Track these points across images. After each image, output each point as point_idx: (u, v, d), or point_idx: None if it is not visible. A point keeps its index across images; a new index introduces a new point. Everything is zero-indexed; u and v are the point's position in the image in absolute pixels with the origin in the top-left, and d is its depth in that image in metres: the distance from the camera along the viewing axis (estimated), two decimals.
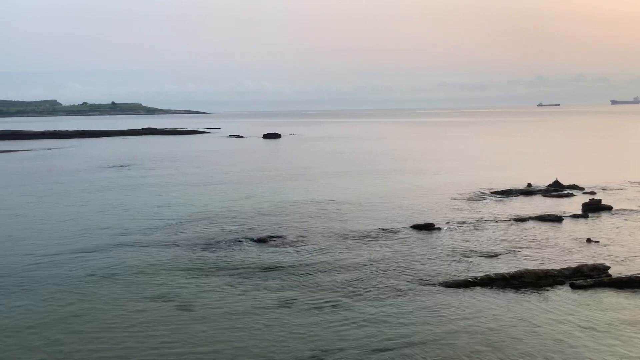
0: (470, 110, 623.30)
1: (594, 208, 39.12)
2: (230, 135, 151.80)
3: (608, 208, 39.44)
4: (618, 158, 78.33)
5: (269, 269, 26.33)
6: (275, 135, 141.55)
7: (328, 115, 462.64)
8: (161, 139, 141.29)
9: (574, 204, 41.96)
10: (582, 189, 48.53)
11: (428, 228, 34.18)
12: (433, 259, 27.75)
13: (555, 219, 36.50)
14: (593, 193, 46.17)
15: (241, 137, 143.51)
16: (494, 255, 28.31)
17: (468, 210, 40.33)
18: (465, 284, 23.81)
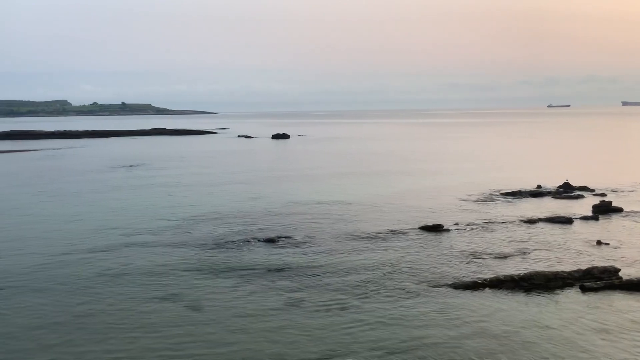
0: (480, 111, 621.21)
1: (604, 210, 38.90)
2: (239, 136, 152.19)
3: (619, 210, 39.20)
4: (629, 159, 77.81)
5: (277, 270, 26.38)
6: (284, 136, 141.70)
7: (337, 116, 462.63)
8: (170, 139, 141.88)
9: (584, 205, 41.74)
10: (593, 190, 48.26)
11: (437, 229, 34.11)
12: (442, 261, 27.69)
13: (565, 220, 36.31)
14: (603, 195, 45.89)
15: (250, 138, 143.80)
16: (503, 257, 28.21)
17: (477, 211, 40.22)
18: (474, 286, 23.75)
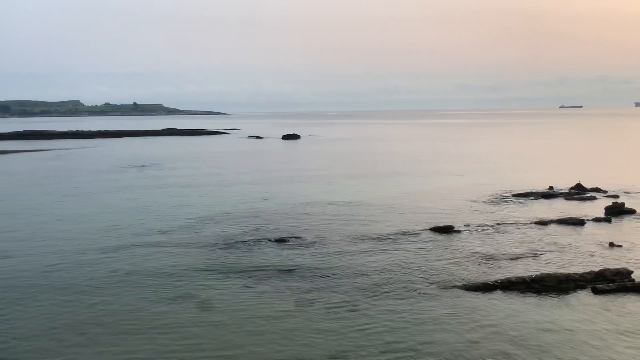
0: (491, 112, 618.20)
1: (616, 211, 38.62)
2: (249, 136, 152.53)
3: (631, 211, 38.90)
4: None
5: (288, 270, 26.44)
6: (295, 136, 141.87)
7: (347, 117, 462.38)
8: (182, 140, 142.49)
9: (597, 207, 41.45)
10: (605, 192, 47.93)
11: (447, 230, 34.02)
12: (452, 262, 27.62)
13: (577, 222, 36.09)
14: (616, 196, 45.57)
15: (260, 138, 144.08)
16: (514, 258, 28.09)
17: (488, 212, 40.07)
18: (486, 287, 23.67)
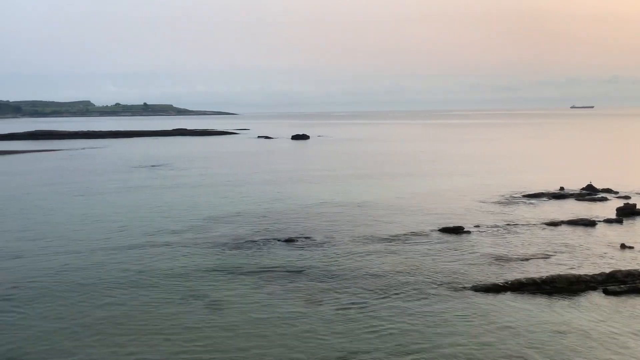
0: (501, 112, 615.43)
1: (628, 212, 38.33)
2: (259, 136, 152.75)
3: None
4: None
5: (297, 271, 26.46)
6: (304, 137, 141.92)
7: (356, 117, 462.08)
8: (192, 140, 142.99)
9: (608, 208, 41.18)
10: (617, 192, 47.60)
11: (457, 231, 33.91)
12: (462, 263, 27.53)
13: (589, 223, 35.87)
14: (628, 197, 45.24)
15: (270, 138, 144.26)
16: (524, 260, 27.96)
17: (498, 213, 39.90)
18: (496, 289, 23.57)
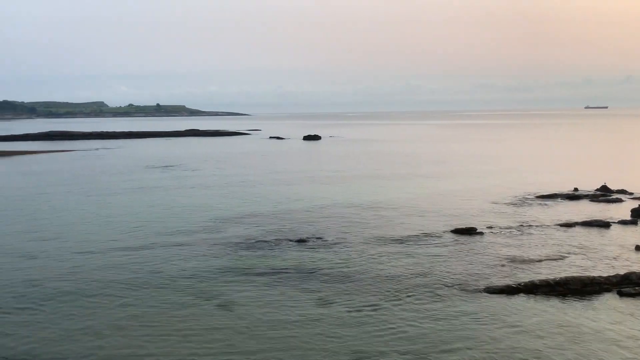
0: (515, 113, 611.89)
1: None
2: (270, 137, 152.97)
3: None
4: None
5: (309, 272, 26.46)
6: (316, 137, 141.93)
7: (368, 117, 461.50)
8: (204, 140, 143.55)
9: (623, 209, 40.78)
10: (631, 193, 47.15)
11: (470, 232, 33.75)
12: (475, 264, 27.38)
13: (603, 224, 35.54)
14: None
15: (282, 139, 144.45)
16: (538, 261, 27.75)
17: (511, 214, 39.65)
18: (509, 290, 23.42)
